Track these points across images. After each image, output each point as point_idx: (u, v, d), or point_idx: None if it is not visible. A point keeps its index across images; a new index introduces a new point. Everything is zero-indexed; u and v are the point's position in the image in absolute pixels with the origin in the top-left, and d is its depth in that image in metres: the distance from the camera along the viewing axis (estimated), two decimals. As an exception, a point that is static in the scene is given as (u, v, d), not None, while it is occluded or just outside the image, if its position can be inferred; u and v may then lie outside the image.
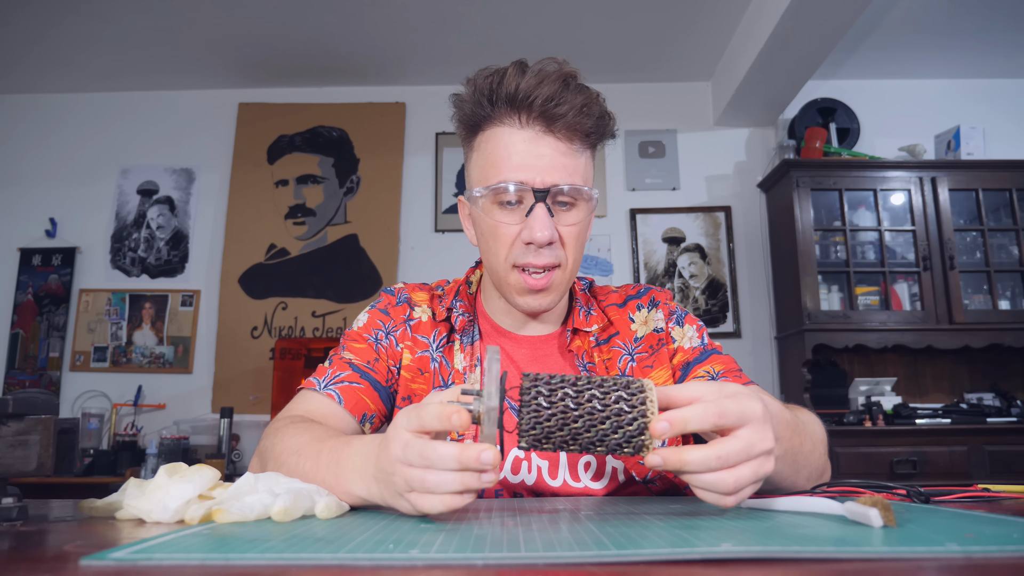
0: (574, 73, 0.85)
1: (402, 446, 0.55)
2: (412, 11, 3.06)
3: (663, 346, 0.98)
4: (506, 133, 0.85)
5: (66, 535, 0.50)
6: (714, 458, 0.53)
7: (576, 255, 0.90)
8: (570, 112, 0.83)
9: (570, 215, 0.87)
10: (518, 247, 0.86)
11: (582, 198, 0.87)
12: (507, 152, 0.85)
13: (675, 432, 0.55)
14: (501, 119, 0.86)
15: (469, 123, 0.90)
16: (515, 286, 0.89)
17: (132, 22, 3.11)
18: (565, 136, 0.84)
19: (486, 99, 0.86)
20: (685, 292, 3.50)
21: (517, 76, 0.84)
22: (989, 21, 3.16)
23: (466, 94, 0.89)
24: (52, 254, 3.54)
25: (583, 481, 0.89)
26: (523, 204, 0.85)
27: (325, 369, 0.93)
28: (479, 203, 0.88)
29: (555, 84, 0.83)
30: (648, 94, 3.69)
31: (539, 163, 0.84)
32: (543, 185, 0.84)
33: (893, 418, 2.91)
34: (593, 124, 0.86)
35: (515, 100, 0.84)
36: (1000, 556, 0.37)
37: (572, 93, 0.83)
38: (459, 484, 0.53)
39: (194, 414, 3.32)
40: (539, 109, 0.83)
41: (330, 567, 0.36)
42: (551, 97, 0.82)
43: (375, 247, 3.54)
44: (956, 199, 3.23)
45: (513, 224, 0.86)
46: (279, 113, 3.69)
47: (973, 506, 0.61)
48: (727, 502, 0.55)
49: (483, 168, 0.88)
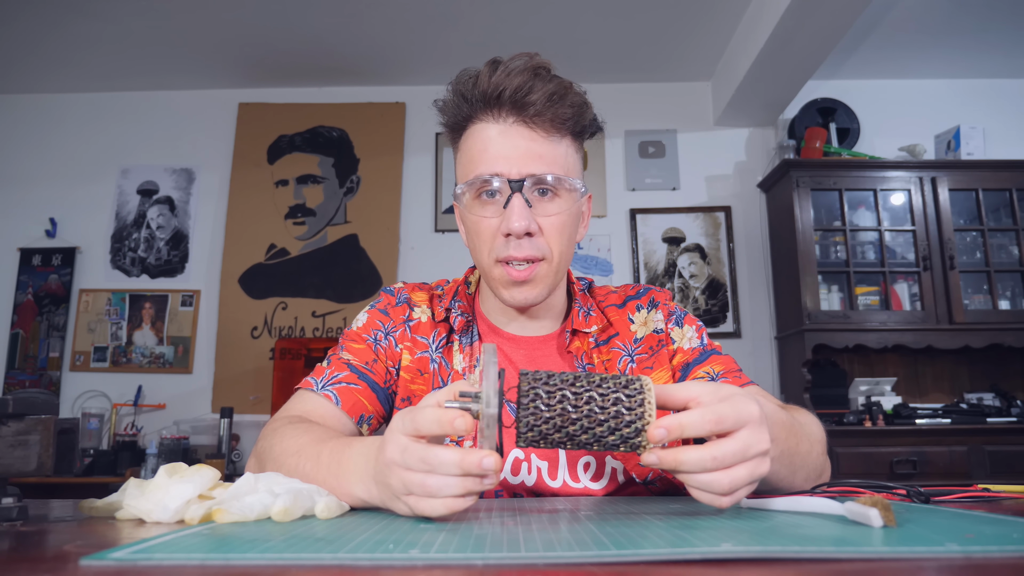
0: (545, 64, 0.86)
1: (400, 450, 0.55)
2: (412, 11, 3.06)
3: (663, 347, 0.98)
4: (483, 128, 0.87)
5: (66, 535, 0.50)
6: (709, 459, 0.54)
7: (562, 248, 0.89)
8: (540, 100, 0.84)
9: (551, 205, 0.87)
10: (499, 241, 0.87)
11: (564, 188, 0.87)
12: (483, 146, 0.86)
13: (672, 438, 0.55)
14: (479, 116, 0.87)
15: (452, 125, 0.91)
16: (500, 279, 0.89)
17: (132, 22, 3.11)
18: (540, 126, 0.85)
19: (463, 99, 0.87)
20: (685, 292, 3.50)
21: (490, 73, 0.85)
22: (989, 21, 3.16)
23: (447, 97, 0.91)
24: (52, 254, 3.54)
25: (583, 482, 0.89)
26: (502, 197, 0.86)
27: (323, 369, 0.93)
28: (462, 200, 0.90)
29: (524, 75, 0.84)
30: (648, 94, 3.70)
31: (514, 154, 0.85)
32: (519, 175, 0.85)
33: (893, 418, 2.91)
34: (568, 111, 0.86)
35: (488, 96, 0.85)
36: (1000, 556, 0.37)
37: (541, 82, 0.84)
38: (461, 488, 0.53)
39: (194, 414, 3.32)
40: (510, 101, 0.84)
41: (330, 567, 0.36)
42: (520, 87, 0.83)
43: (375, 247, 3.54)
44: (956, 199, 3.23)
45: (493, 217, 0.87)
46: (279, 113, 3.69)
47: (973, 506, 0.61)
48: (722, 502, 0.55)
49: (464, 165, 0.90)
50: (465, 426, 0.53)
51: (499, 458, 0.52)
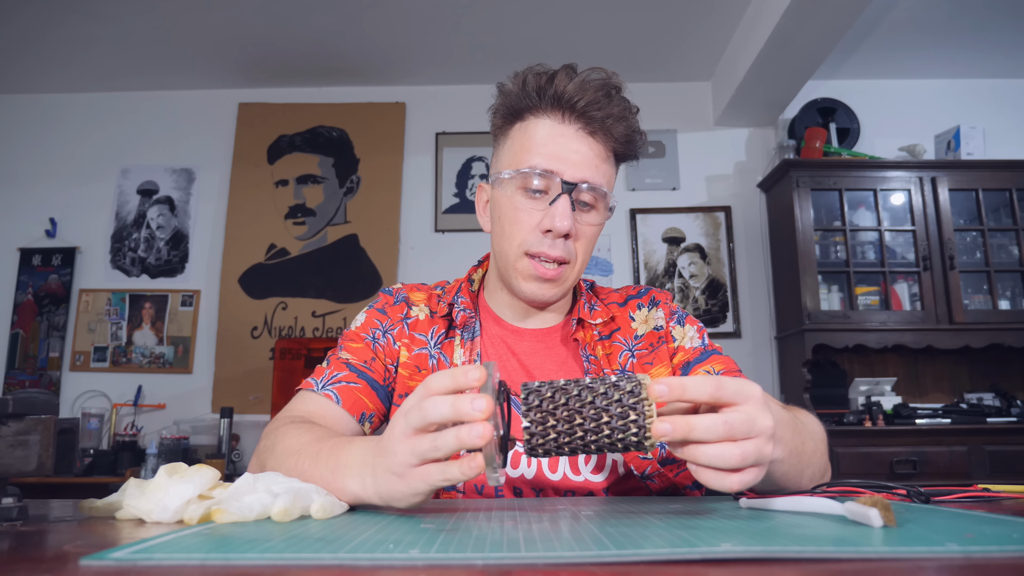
0: (619, 85, 0.91)
1: (403, 415, 0.56)
2: (412, 11, 3.06)
3: (663, 344, 0.99)
4: (546, 125, 0.90)
5: (66, 535, 0.50)
6: (722, 423, 0.53)
7: (585, 255, 0.93)
8: (608, 119, 0.88)
9: (589, 216, 0.92)
10: (535, 235, 0.90)
11: (602, 202, 0.92)
12: (544, 141, 0.89)
13: (673, 396, 0.54)
14: (544, 112, 0.90)
15: (511, 110, 0.93)
16: (524, 271, 0.91)
17: (132, 22, 3.11)
18: (601, 140, 0.90)
19: (534, 92, 0.90)
20: (685, 292, 3.50)
21: (567, 78, 0.89)
22: (989, 21, 3.16)
23: (513, 85, 0.93)
24: (52, 254, 3.54)
25: (583, 474, 0.90)
26: (548, 194, 0.89)
27: (323, 370, 0.94)
28: (505, 186, 0.91)
29: (600, 91, 0.88)
30: (648, 94, 3.69)
31: (572, 157, 0.88)
32: (572, 179, 0.88)
33: (893, 418, 2.91)
34: (626, 136, 0.91)
35: (561, 99, 0.88)
36: (1000, 556, 0.37)
37: (612, 101, 0.89)
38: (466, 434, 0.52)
39: (194, 414, 3.32)
40: (581, 110, 0.88)
41: (330, 567, 0.36)
42: (595, 102, 0.88)
43: (375, 247, 3.54)
44: (956, 199, 3.23)
45: (535, 211, 0.90)
46: (279, 113, 3.69)
47: (973, 506, 0.61)
48: (731, 481, 0.54)
49: (516, 153, 0.92)
50: (478, 375, 0.53)
51: (490, 399, 0.52)
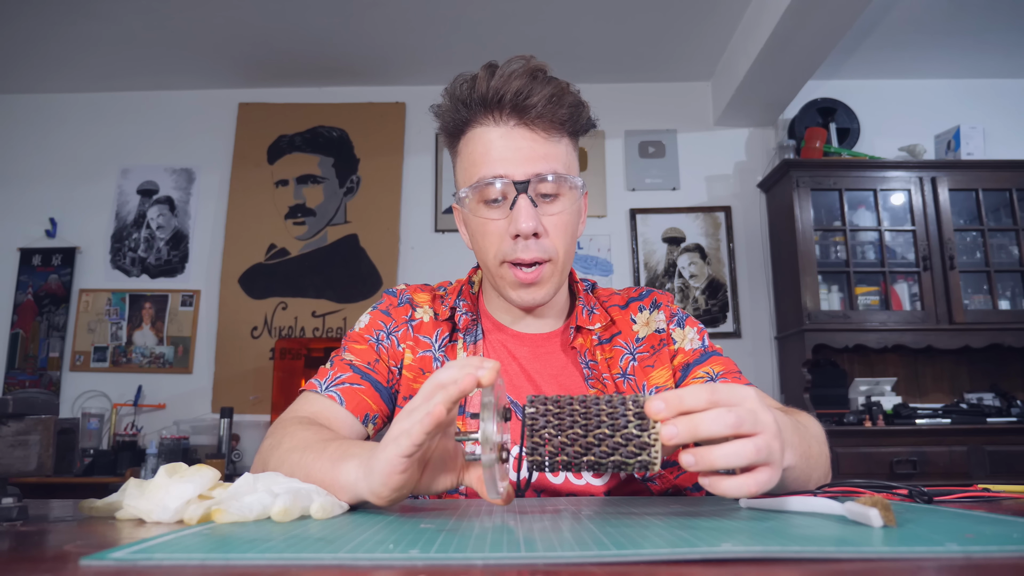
0: (542, 67, 0.88)
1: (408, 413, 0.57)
2: (412, 11, 3.06)
3: (664, 346, 0.99)
4: (483, 132, 0.88)
5: (66, 535, 0.50)
6: (726, 411, 0.52)
7: (566, 247, 0.91)
8: (540, 102, 0.85)
9: (554, 206, 0.89)
10: (507, 243, 0.88)
11: (565, 186, 0.89)
12: (485, 149, 0.87)
13: (670, 411, 0.53)
14: (478, 120, 0.88)
15: (450, 130, 0.92)
16: (507, 280, 0.91)
17: (132, 22, 3.11)
18: (540, 127, 0.87)
19: (462, 104, 0.89)
20: (685, 292, 3.50)
21: (487, 77, 0.86)
22: (989, 21, 3.16)
23: (444, 103, 0.92)
24: (52, 254, 3.54)
25: (585, 478, 0.90)
26: (507, 199, 0.87)
27: (326, 371, 0.94)
28: (466, 204, 0.91)
29: (523, 78, 0.85)
30: (648, 94, 3.69)
31: (517, 155, 0.86)
32: (523, 176, 0.86)
33: (893, 418, 2.91)
34: (567, 112, 0.88)
35: (487, 100, 0.86)
36: (1000, 556, 0.37)
37: (540, 84, 0.86)
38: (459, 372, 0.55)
39: (194, 414, 3.32)
40: (510, 104, 0.86)
41: (330, 567, 0.36)
42: (520, 90, 0.85)
43: (375, 247, 3.54)
44: (956, 199, 3.23)
45: (499, 219, 0.88)
46: (279, 113, 3.69)
47: (973, 506, 0.61)
48: (748, 484, 0.53)
49: (467, 168, 0.91)
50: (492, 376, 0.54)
51: (496, 364, 0.55)
